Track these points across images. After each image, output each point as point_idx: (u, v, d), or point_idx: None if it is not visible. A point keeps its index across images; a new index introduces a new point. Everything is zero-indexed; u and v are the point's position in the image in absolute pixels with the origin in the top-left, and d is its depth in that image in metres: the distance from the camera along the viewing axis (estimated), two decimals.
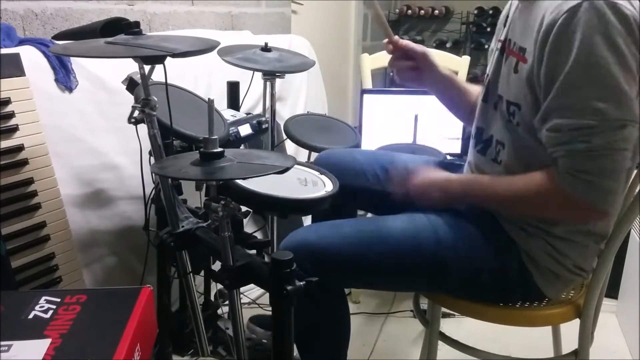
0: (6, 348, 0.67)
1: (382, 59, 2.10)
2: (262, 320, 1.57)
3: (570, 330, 1.18)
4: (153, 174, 1.21)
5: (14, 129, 1.15)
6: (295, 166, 1.17)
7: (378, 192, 1.25)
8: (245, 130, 1.35)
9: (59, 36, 1.49)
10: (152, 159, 1.10)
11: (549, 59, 0.87)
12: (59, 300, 0.78)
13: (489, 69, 1.10)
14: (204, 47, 0.97)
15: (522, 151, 0.99)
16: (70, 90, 1.35)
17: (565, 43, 0.85)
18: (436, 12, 4.07)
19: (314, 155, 1.40)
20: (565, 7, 0.85)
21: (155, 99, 1.01)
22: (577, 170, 0.87)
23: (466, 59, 2.07)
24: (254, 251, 1.02)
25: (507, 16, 1.09)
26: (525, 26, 0.96)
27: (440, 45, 4.06)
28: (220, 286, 1.57)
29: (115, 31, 1.12)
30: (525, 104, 0.95)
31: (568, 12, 0.84)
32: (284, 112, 2.06)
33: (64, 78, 1.33)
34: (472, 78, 3.97)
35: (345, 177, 1.18)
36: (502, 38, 1.06)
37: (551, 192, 0.91)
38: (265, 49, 1.33)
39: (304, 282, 0.89)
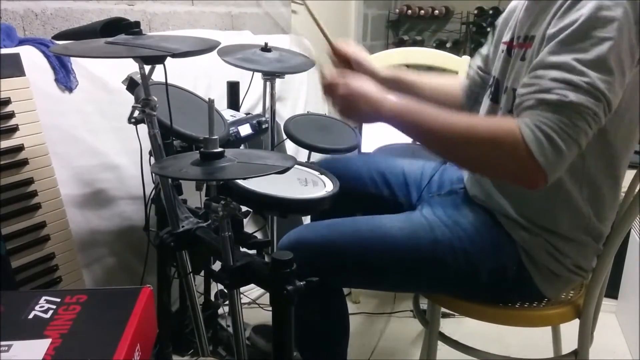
0: (6, 348, 0.67)
1: (382, 59, 2.10)
2: (265, 331, 1.56)
3: (570, 331, 1.18)
4: (153, 174, 1.21)
5: (14, 129, 1.15)
6: (296, 166, 1.17)
7: (376, 197, 1.25)
8: (245, 130, 1.35)
9: (59, 36, 1.48)
10: (152, 159, 1.10)
11: (555, 23, 0.86)
12: (59, 300, 0.78)
13: (496, 72, 1.10)
14: (204, 47, 0.97)
15: None
16: (70, 90, 1.35)
17: (576, 6, 0.83)
18: (436, 12, 4.06)
19: (314, 155, 1.40)
20: None
21: (156, 99, 1.01)
22: (540, 120, 0.81)
23: (466, 59, 2.07)
24: (254, 251, 1.02)
25: (508, 20, 1.11)
26: (536, 19, 0.96)
27: (440, 46, 4.05)
28: (220, 286, 1.57)
29: (115, 31, 1.11)
30: None
31: None
32: (284, 112, 2.06)
33: (64, 78, 1.33)
34: None
35: (343, 182, 1.16)
36: (507, 39, 1.07)
37: (509, 138, 0.83)
38: (265, 49, 1.33)
39: (304, 282, 0.89)
